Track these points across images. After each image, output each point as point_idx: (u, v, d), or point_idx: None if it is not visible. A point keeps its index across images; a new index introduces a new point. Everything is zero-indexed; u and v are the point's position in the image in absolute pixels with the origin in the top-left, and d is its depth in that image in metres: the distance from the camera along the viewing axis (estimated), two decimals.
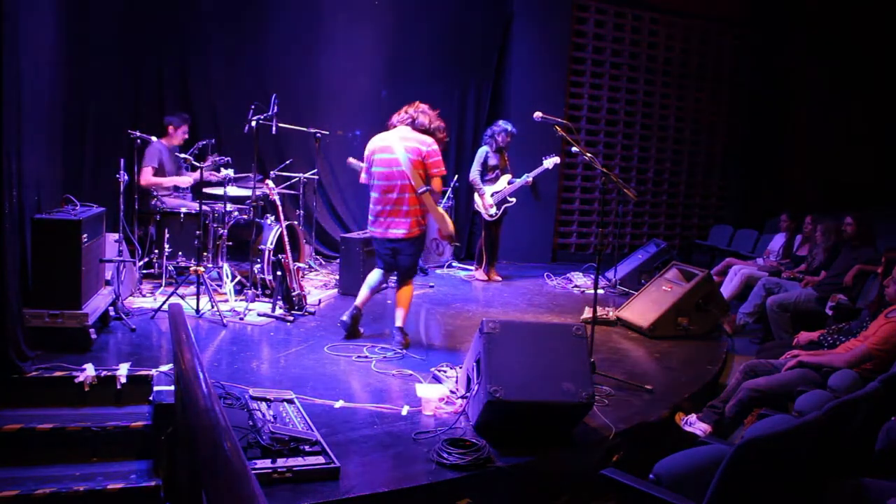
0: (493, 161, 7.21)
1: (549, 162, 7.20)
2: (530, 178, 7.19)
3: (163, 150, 6.00)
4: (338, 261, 6.81)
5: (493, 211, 7.22)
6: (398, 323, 4.83)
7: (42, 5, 4.33)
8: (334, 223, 8.26)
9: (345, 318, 4.92)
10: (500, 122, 7.26)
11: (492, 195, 7.18)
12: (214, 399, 1.79)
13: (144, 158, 5.86)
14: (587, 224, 9.50)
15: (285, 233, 5.57)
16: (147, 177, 5.86)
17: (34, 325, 3.88)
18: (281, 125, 6.08)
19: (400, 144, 4.65)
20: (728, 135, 10.17)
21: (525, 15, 8.70)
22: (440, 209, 4.78)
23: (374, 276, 4.96)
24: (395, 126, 4.81)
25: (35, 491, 2.91)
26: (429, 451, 3.19)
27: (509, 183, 7.18)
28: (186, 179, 6.16)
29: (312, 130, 7.04)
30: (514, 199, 7.27)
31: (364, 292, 4.93)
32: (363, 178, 4.93)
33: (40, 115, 4.31)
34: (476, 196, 7.29)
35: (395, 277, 4.98)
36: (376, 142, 4.79)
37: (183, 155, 5.97)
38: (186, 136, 6.21)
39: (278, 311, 5.34)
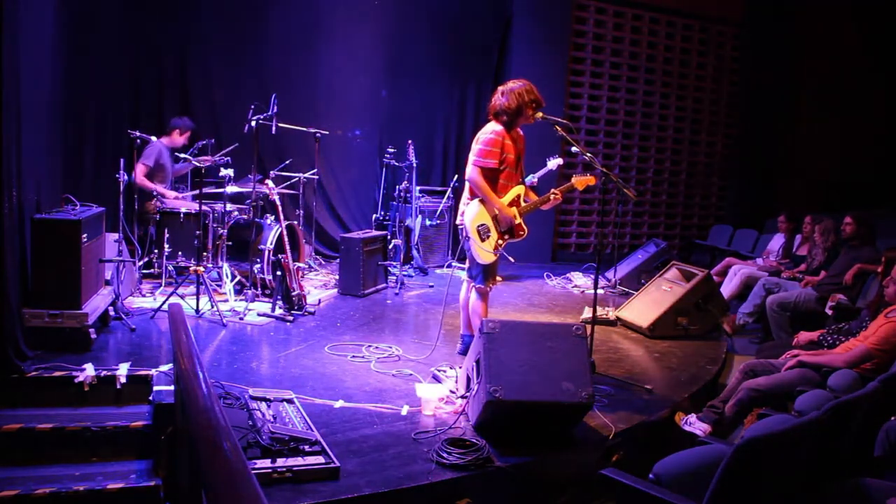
0: None
1: (553, 163, 7.17)
2: (535, 180, 7.16)
3: (163, 149, 6.00)
4: (337, 261, 6.80)
5: None
6: (462, 329, 4.69)
7: (42, 5, 4.33)
8: (334, 223, 8.26)
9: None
10: None
11: None
12: (214, 399, 1.79)
13: (142, 156, 5.85)
14: (587, 224, 9.49)
15: (285, 233, 5.57)
16: (140, 175, 5.85)
17: (34, 325, 3.88)
18: (281, 125, 6.09)
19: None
20: (728, 135, 10.17)
21: (525, 15, 8.70)
22: (496, 199, 4.30)
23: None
24: None
25: (35, 491, 2.91)
26: (429, 451, 3.19)
27: None
28: (171, 193, 6.10)
29: (312, 130, 7.04)
30: None
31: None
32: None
33: (40, 115, 4.31)
34: None
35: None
36: None
37: (183, 155, 5.97)
38: (186, 143, 6.23)
39: (278, 311, 5.34)
